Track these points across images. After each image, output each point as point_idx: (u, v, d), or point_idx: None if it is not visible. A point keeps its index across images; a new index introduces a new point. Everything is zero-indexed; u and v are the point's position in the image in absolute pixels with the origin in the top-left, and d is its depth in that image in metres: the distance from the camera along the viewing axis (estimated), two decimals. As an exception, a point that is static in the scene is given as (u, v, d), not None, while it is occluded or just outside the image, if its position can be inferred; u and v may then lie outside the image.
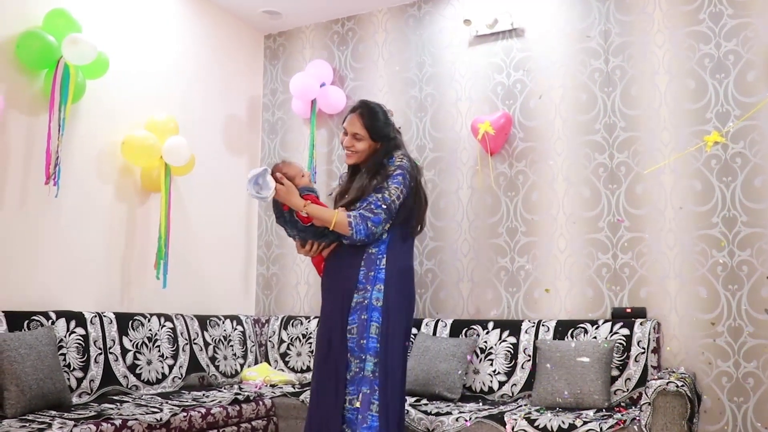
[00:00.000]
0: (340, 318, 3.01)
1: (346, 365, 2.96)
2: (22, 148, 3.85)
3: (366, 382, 2.92)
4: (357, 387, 2.94)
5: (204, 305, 4.92)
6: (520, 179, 4.56)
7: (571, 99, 4.48)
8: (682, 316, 4.03)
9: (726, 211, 3.99)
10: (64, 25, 3.86)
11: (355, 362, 2.95)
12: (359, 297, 3.01)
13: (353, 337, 2.97)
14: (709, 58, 4.13)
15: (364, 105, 3.23)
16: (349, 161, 3.22)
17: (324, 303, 3.16)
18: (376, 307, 2.98)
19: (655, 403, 3.24)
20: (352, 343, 2.97)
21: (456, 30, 4.91)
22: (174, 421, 3.39)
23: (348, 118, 3.20)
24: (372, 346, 2.95)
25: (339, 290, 3.06)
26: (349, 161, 3.22)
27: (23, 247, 3.84)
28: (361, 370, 2.94)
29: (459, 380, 4.07)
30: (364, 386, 2.92)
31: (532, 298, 4.45)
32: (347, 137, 3.18)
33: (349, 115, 3.21)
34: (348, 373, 2.95)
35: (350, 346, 2.97)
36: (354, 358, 2.96)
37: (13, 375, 3.20)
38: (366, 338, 2.96)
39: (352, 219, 2.99)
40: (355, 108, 3.23)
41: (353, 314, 3.00)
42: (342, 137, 3.22)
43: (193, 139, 4.73)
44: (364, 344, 2.95)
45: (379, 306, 2.99)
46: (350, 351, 2.97)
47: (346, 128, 3.19)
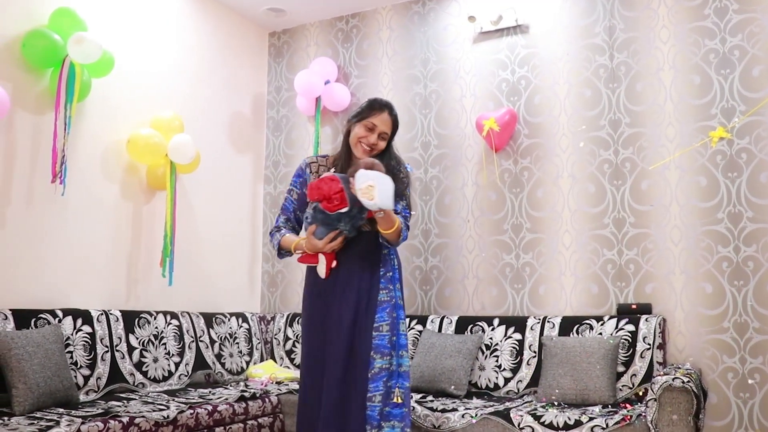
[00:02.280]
0: (365, 317, 2.98)
1: (369, 363, 2.94)
2: (28, 146, 3.86)
3: (399, 377, 2.97)
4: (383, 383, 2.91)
5: (210, 303, 4.93)
6: (525, 176, 4.56)
7: (576, 95, 4.48)
8: (687, 312, 4.03)
9: (731, 207, 3.98)
10: (69, 24, 3.87)
11: (382, 359, 2.93)
12: (384, 296, 3.02)
13: (383, 335, 2.96)
14: (714, 54, 4.12)
15: (392, 107, 3.15)
16: (362, 156, 3.08)
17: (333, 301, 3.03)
18: (401, 305, 3.06)
19: (661, 399, 3.24)
20: (381, 340, 2.96)
21: (460, 27, 4.91)
22: (181, 419, 3.41)
23: (381, 117, 3.09)
24: (404, 342, 3.02)
25: (357, 290, 3.01)
26: (362, 156, 3.08)
27: (30, 246, 3.85)
28: (391, 366, 2.95)
29: (465, 377, 4.07)
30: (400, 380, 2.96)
31: (537, 295, 4.45)
32: (374, 135, 3.08)
33: (380, 113, 3.10)
34: (370, 370, 2.93)
35: (377, 344, 2.95)
36: (379, 355, 2.94)
37: (21, 373, 3.22)
38: (397, 335, 3.00)
39: (402, 228, 3.03)
40: (383, 107, 3.12)
41: (380, 312, 2.99)
42: (365, 132, 3.07)
43: (198, 136, 4.74)
44: (395, 341, 2.99)
45: (402, 304, 3.08)
46: (375, 348, 2.94)
47: (378, 126, 3.07)
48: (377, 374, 2.92)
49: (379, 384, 2.91)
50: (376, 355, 2.94)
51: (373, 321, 2.98)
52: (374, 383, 2.91)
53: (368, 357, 2.93)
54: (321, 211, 2.94)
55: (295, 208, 3.20)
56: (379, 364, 2.93)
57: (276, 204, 5.48)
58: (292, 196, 3.21)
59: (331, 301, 3.04)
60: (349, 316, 2.98)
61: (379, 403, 2.89)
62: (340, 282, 3.04)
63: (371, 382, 2.91)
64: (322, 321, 3.05)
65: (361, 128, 3.08)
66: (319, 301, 3.08)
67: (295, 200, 3.20)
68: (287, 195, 3.23)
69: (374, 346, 2.94)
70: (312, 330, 3.09)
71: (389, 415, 2.90)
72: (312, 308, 3.11)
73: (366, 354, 2.94)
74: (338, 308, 3.01)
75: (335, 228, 2.95)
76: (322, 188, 2.89)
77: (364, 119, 3.09)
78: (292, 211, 3.20)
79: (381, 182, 2.78)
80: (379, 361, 2.93)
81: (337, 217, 2.92)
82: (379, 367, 2.93)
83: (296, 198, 3.20)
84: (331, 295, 3.05)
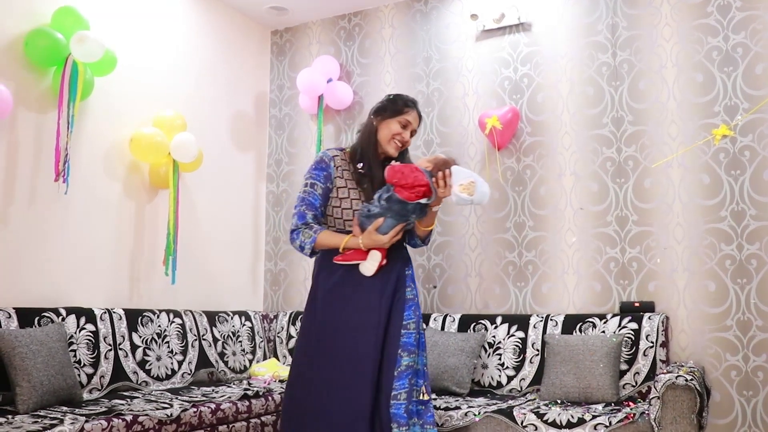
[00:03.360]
0: (397, 315, 2.97)
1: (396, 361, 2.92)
2: (31, 145, 3.87)
3: (422, 375, 2.98)
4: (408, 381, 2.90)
5: (212, 301, 4.94)
6: (528, 173, 4.56)
7: (579, 93, 4.48)
8: (690, 310, 4.02)
9: (734, 205, 3.98)
10: (72, 23, 3.88)
11: (408, 357, 2.93)
12: (409, 293, 3.04)
13: (410, 333, 2.97)
14: (717, 51, 4.12)
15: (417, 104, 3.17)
16: (395, 153, 3.08)
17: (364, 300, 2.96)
18: (419, 304, 3.10)
19: (664, 397, 3.24)
20: (408, 338, 2.95)
21: (463, 25, 4.91)
22: (184, 417, 3.41)
23: (412, 114, 3.10)
24: (423, 341, 3.04)
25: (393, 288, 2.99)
26: (396, 154, 3.09)
27: (33, 244, 3.86)
28: (415, 364, 2.95)
29: (467, 375, 4.07)
30: (422, 380, 2.97)
31: (540, 293, 4.45)
32: (408, 132, 3.09)
33: (412, 111, 3.10)
34: (397, 368, 2.91)
35: (405, 342, 2.94)
36: (406, 353, 2.93)
37: (25, 371, 3.23)
38: (420, 333, 3.01)
39: None
40: (415, 104, 3.13)
41: (408, 310, 3.00)
42: (400, 130, 3.06)
43: (200, 135, 4.75)
44: (420, 339, 3.00)
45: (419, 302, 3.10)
46: (403, 346, 2.93)
47: (411, 123, 3.09)
48: (403, 372, 2.91)
49: (404, 382, 2.89)
50: (404, 353, 2.93)
51: (402, 319, 2.98)
52: (400, 381, 2.89)
53: (396, 355, 2.92)
54: (398, 201, 2.85)
55: (321, 203, 3.03)
56: (405, 362, 2.92)
57: (279, 202, 5.48)
58: (316, 191, 3.03)
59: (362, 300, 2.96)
60: (384, 315, 2.95)
61: (404, 401, 2.87)
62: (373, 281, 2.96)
63: (397, 380, 2.89)
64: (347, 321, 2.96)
65: (397, 125, 3.06)
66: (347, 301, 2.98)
67: (320, 195, 3.03)
68: (310, 189, 3.03)
69: (402, 344, 2.93)
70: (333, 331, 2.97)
71: (414, 413, 2.90)
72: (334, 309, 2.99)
73: (394, 352, 2.92)
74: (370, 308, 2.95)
75: (407, 219, 2.90)
76: (407, 175, 2.84)
77: (398, 116, 3.06)
78: (318, 207, 3.03)
79: (480, 180, 2.87)
80: (405, 359, 2.92)
81: (413, 209, 2.88)
82: (405, 365, 2.92)
83: (321, 193, 3.03)
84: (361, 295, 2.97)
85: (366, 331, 2.93)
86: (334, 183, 3.06)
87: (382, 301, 2.96)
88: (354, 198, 3.04)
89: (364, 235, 2.91)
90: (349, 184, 3.07)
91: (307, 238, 2.97)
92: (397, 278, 3.02)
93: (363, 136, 3.12)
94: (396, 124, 3.06)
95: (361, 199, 3.03)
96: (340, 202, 3.03)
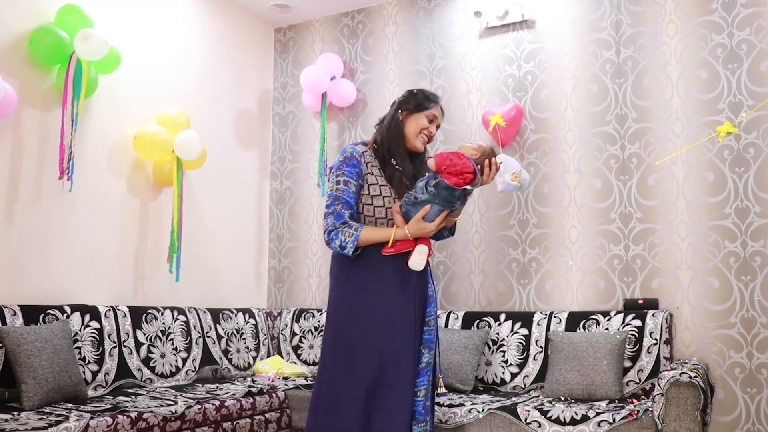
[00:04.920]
0: (421, 311, 2.98)
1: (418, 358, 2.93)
2: (35, 143, 3.88)
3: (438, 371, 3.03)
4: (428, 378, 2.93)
5: (216, 298, 4.94)
6: (532, 171, 4.55)
7: (583, 90, 4.47)
8: (694, 307, 4.02)
9: (739, 202, 3.97)
10: (76, 21, 3.88)
11: (428, 353, 2.95)
12: (431, 290, 3.06)
13: (431, 329, 2.99)
14: (721, 48, 4.11)
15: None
16: (422, 147, 3.06)
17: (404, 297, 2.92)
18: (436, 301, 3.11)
19: (668, 394, 3.24)
20: (429, 334, 2.98)
21: (466, 22, 4.90)
22: (189, 414, 3.42)
23: (437, 109, 3.07)
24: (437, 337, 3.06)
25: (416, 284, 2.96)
26: (423, 148, 3.07)
27: (37, 242, 3.87)
28: (433, 360, 2.98)
29: (471, 372, 4.07)
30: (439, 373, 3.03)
31: (543, 290, 4.45)
32: (434, 125, 3.07)
33: (436, 105, 3.08)
34: (419, 364, 2.93)
35: (426, 338, 2.96)
36: (427, 350, 2.95)
37: (30, 368, 3.24)
38: (437, 329, 3.04)
39: None
40: (437, 99, 3.11)
41: (429, 306, 3.03)
42: (427, 125, 3.03)
43: (204, 133, 4.75)
44: (437, 335, 3.03)
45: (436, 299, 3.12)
46: (425, 343, 2.95)
47: (437, 117, 3.07)
48: (424, 368, 2.93)
49: (424, 378, 2.92)
50: (425, 349, 2.95)
51: (425, 316, 3.00)
52: (420, 378, 2.91)
53: (419, 352, 2.93)
54: (446, 187, 2.81)
55: (356, 201, 2.93)
56: (426, 358, 2.94)
57: (282, 200, 5.49)
58: (349, 188, 2.92)
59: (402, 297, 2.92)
60: (419, 311, 2.96)
61: (423, 397, 2.90)
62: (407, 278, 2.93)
63: (418, 377, 2.91)
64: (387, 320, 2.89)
65: (425, 119, 3.03)
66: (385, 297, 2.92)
67: (354, 192, 2.93)
68: (343, 187, 2.91)
69: (424, 341, 2.95)
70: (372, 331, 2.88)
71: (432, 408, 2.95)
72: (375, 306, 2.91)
73: (418, 349, 2.93)
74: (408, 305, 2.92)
75: (453, 206, 2.87)
76: (455, 161, 2.82)
77: (425, 110, 3.03)
78: (353, 205, 2.92)
79: (524, 171, 2.94)
80: (426, 356, 2.94)
81: (460, 195, 2.86)
82: (426, 362, 2.94)
83: (354, 190, 2.93)
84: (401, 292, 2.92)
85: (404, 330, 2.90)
86: (365, 180, 2.97)
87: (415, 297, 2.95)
88: (386, 195, 2.95)
89: (410, 224, 2.85)
90: (379, 180, 2.99)
91: (349, 237, 2.84)
92: (425, 274, 3.03)
93: (389, 131, 3.03)
94: (424, 119, 3.03)
95: (392, 196, 2.96)
96: (372, 199, 2.94)
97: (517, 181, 2.91)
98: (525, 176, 2.96)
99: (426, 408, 2.90)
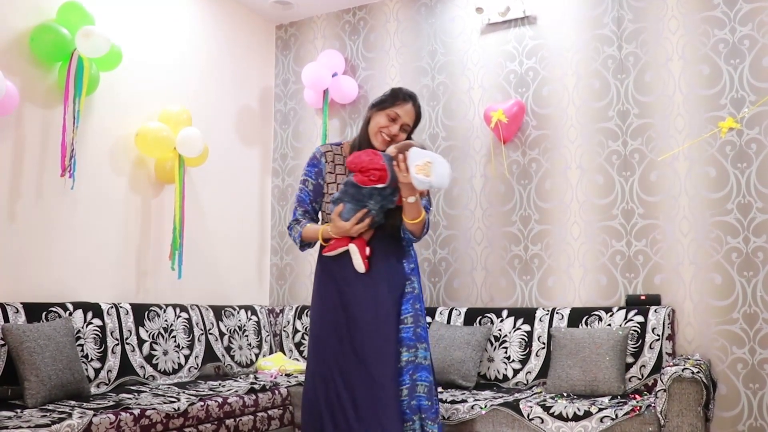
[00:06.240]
0: (394, 309, 2.94)
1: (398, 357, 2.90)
2: (37, 140, 3.88)
3: (423, 369, 2.92)
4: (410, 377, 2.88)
5: (219, 295, 4.95)
6: (534, 167, 4.55)
7: (584, 86, 4.47)
8: (696, 303, 4.02)
9: (741, 198, 3.97)
10: (77, 18, 3.88)
11: (408, 351, 2.91)
12: (409, 287, 3.00)
13: (408, 327, 2.94)
14: (723, 44, 4.10)
15: (416, 98, 3.06)
16: (382, 147, 2.96)
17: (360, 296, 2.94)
18: (422, 297, 3.05)
19: (670, 390, 3.24)
20: (406, 332, 2.93)
21: (468, 18, 4.89)
22: (191, 411, 3.42)
23: (404, 107, 2.99)
24: (424, 334, 2.98)
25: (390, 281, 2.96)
26: (382, 147, 2.96)
27: (40, 239, 3.87)
28: (416, 358, 2.91)
29: (473, 368, 4.08)
30: (424, 373, 2.91)
31: (546, 286, 4.45)
32: (396, 126, 2.97)
33: (405, 104, 3.00)
34: (399, 363, 2.89)
35: (404, 336, 2.92)
36: (405, 348, 2.91)
37: (33, 365, 3.24)
38: (420, 327, 2.96)
39: (426, 221, 2.98)
40: (408, 97, 3.02)
41: (405, 304, 2.97)
42: (387, 122, 2.96)
43: (206, 130, 4.75)
44: (419, 333, 2.95)
45: (422, 296, 3.06)
46: (402, 341, 2.91)
47: (401, 117, 2.97)
48: (404, 367, 2.89)
49: (405, 378, 2.88)
50: (403, 348, 2.90)
51: (399, 314, 2.95)
52: (402, 377, 2.88)
53: (397, 351, 2.90)
54: (353, 185, 2.82)
55: (312, 199, 3.06)
56: (405, 357, 2.90)
57: (284, 197, 5.49)
58: (307, 187, 3.07)
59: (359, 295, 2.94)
60: (382, 310, 2.92)
61: (406, 397, 2.87)
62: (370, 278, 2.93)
63: (399, 375, 2.88)
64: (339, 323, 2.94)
65: (384, 118, 2.97)
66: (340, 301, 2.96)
67: (311, 191, 3.06)
68: (302, 186, 3.08)
69: (400, 339, 2.91)
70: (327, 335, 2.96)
71: (418, 408, 2.87)
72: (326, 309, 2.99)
73: (395, 348, 2.90)
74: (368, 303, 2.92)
75: (364, 206, 2.83)
76: (362, 159, 2.80)
77: (387, 108, 2.98)
78: (309, 203, 3.06)
79: (439, 161, 2.75)
80: (405, 354, 2.90)
81: (368, 193, 2.82)
82: (406, 360, 2.90)
83: (312, 189, 3.06)
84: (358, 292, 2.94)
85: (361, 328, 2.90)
86: (325, 179, 3.05)
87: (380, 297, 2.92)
88: None
89: (330, 223, 2.90)
90: (339, 179, 3.03)
91: (296, 233, 3.04)
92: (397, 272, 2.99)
93: (361, 130, 3.08)
94: (384, 117, 2.97)
95: None
96: (329, 197, 3.01)
97: (423, 174, 2.70)
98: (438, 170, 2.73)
99: (413, 408, 2.85)
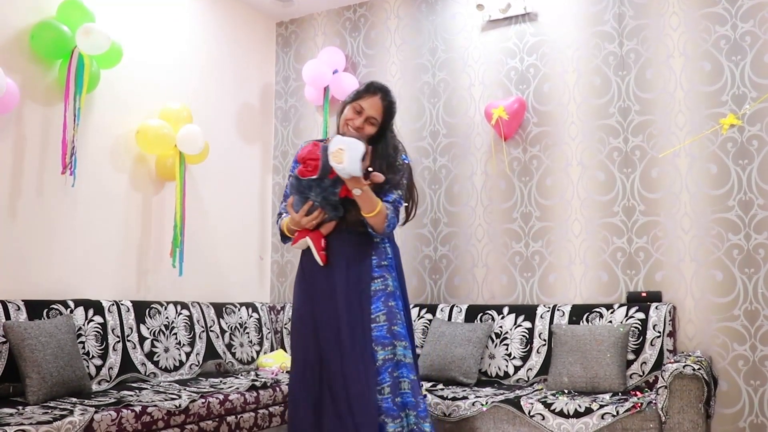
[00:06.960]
0: (359, 307, 2.89)
1: (372, 355, 2.85)
2: (38, 138, 3.88)
3: (403, 367, 2.87)
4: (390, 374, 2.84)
5: (220, 293, 4.95)
6: (534, 164, 4.55)
7: (585, 83, 4.46)
8: (697, 300, 4.02)
9: (742, 194, 3.97)
10: (77, 15, 3.87)
11: (383, 350, 2.86)
12: (378, 285, 2.93)
13: (381, 325, 2.88)
14: (725, 40, 4.09)
15: (386, 92, 2.99)
16: None
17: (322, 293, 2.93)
18: (398, 295, 2.97)
19: (671, 387, 3.24)
20: (379, 331, 2.87)
21: (469, 15, 4.89)
22: (192, 408, 3.42)
23: (369, 100, 2.93)
24: (402, 332, 2.91)
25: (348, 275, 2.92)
26: None
27: (41, 237, 3.87)
28: (395, 356, 2.87)
29: (474, 365, 4.08)
30: (404, 371, 2.87)
31: (547, 283, 4.45)
32: (360, 118, 2.92)
33: (371, 97, 2.94)
34: (375, 362, 2.84)
35: (377, 335, 2.87)
36: (381, 347, 2.86)
37: (34, 363, 3.24)
38: (396, 324, 2.90)
39: (389, 214, 2.90)
40: (376, 90, 2.96)
41: (376, 302, 2.90)
42: (353, 115, 2.92)
43: (206, 127, 4.74)
44: (396, 330, 2.89)
45: (398, 294, 2.97)
46: (376, 340, 2.86)
47: (365, 109, 2.92)
48: (382, 366, 2.85)
49: (385, 376, 2.84)
50: (377, 347, 2.86)
51: (369, 312, 2.89)
52: (381, 375, 2.84)
53: (372, 350, 2.85)
54: (296, 177, 2.85)
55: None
56: (381, 355, 2.85)
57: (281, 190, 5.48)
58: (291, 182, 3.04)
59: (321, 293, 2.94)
60: (342, 308, 2.88)
61: (389, 394, 2.83)
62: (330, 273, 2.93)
63: (378, 374, 2.83)
64: (312, 316, 2.94)
65: (350, 110, 2.94)
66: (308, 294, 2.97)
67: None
68: (287, 182, 3.08)
69: (374, 338, 2.86)
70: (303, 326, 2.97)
71: (405, 405, 2.83)
72: (300, 302, 3.00)
73: (369, 347, 2.85)
74: (329, 301, 2.91)
75: (306, 197, 2.84)
76: (304, 150, 2.85)
77: (354, 101, 2.95)
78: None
79: (352, 147, 2.70)
80: (381, 353, 2.85)
81: (307, 185, 2.81)
82: (382, 359, 2.85)
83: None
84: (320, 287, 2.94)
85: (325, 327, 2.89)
86: None
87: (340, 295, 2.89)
88: None
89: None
90: None
91: (277, 227, 3.12)
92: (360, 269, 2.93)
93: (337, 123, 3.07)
94: (350, 110, 2.94)
95: None
96: None
97: (336, 161, 2.67)
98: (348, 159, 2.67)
99: (398, 405, 2.82)
